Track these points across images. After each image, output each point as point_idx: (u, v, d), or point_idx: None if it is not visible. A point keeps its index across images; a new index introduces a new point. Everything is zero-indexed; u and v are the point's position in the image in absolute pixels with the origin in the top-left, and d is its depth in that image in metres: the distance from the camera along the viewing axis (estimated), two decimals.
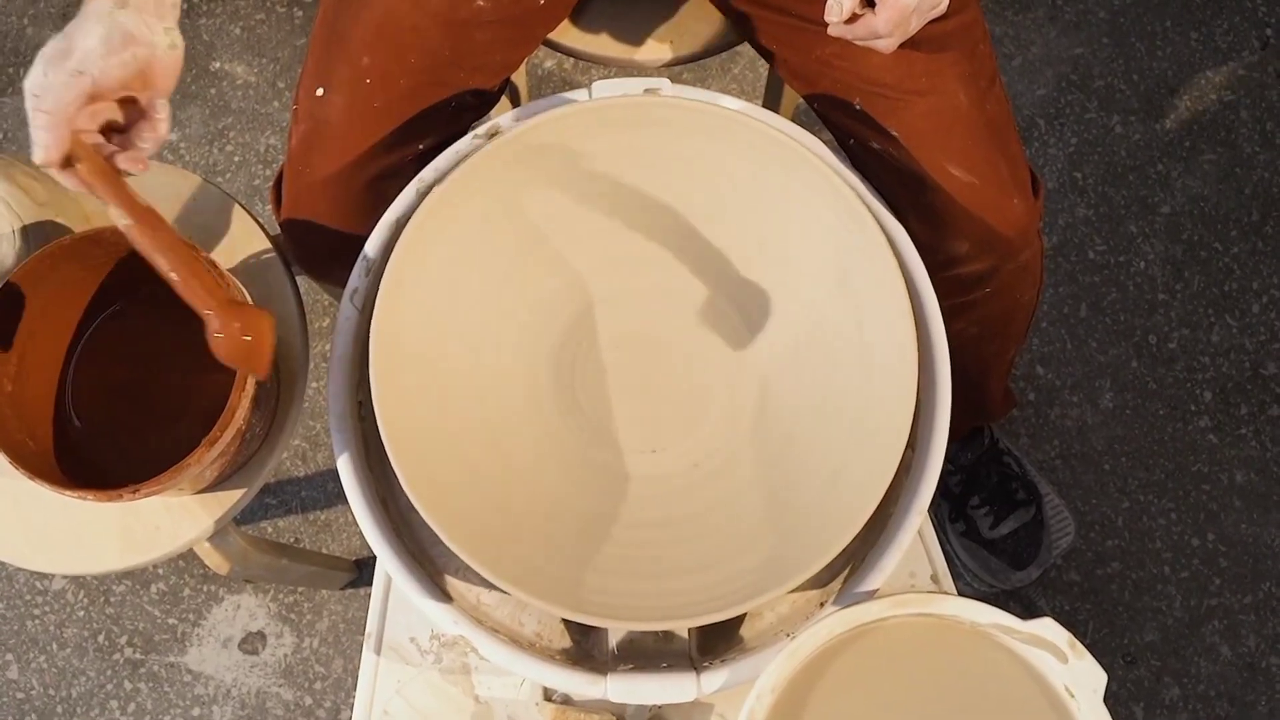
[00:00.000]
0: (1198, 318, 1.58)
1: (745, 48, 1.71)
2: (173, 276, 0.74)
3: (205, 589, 1.49)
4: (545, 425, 0.84)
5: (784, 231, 0.85)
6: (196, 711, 1.44)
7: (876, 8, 0.74)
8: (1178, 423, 1.54)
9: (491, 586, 0.79)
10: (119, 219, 0.74)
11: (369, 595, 1.48)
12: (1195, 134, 1.68)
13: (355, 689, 1.44)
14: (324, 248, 1.00)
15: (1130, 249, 1.62)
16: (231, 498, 0.94)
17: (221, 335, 0.74)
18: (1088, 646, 0.70)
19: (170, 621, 1.47)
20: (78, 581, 1.49)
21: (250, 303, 0.83)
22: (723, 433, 0.85)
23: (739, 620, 0.80)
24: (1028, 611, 1.45)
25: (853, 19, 0.75)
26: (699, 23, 1.12)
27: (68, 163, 0.72)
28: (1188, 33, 1.73)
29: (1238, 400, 1.54)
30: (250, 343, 0.76)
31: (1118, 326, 1.58)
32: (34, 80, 0.70)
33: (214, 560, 1.02)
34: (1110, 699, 0.70)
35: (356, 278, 0.84)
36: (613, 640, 0.78)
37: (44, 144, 0.71)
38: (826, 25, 0.78)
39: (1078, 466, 1.52)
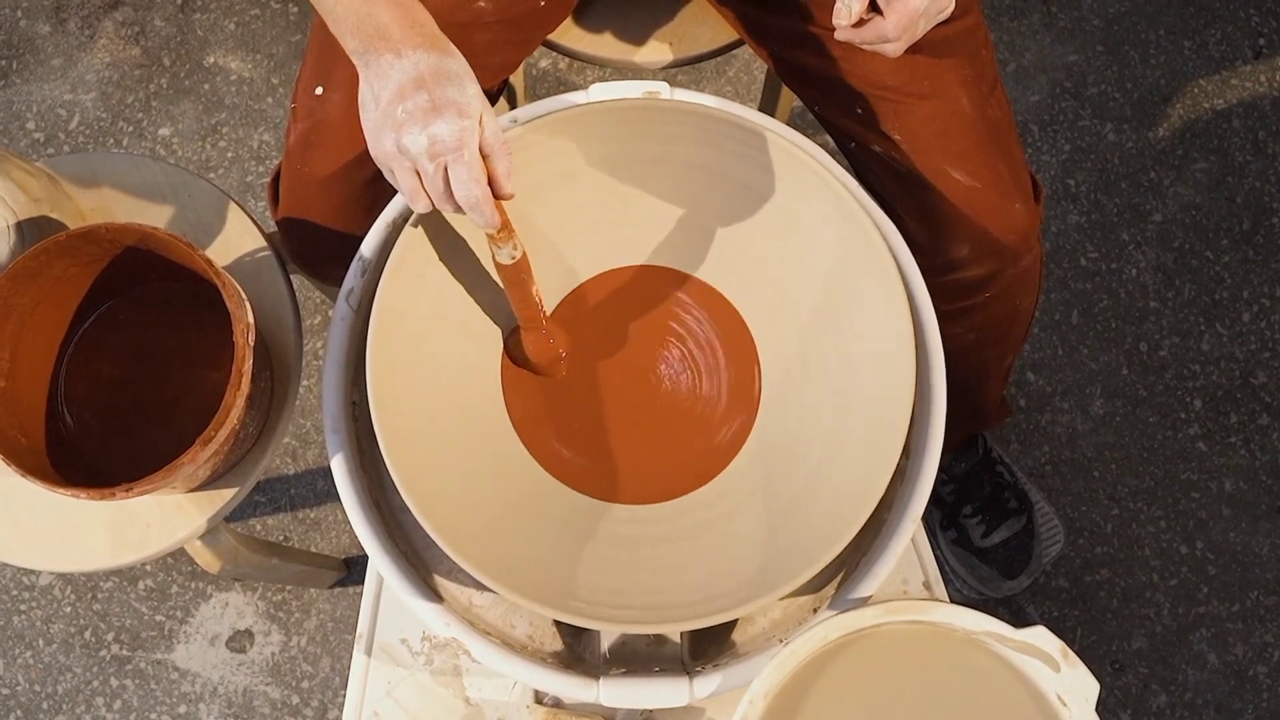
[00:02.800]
0: (1188, 326, 1.59)
1: (741, 50, 1.71)
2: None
3: (193, 586, 1.48)
4: (541, 423, 0.84)
5: (780, 236, 0.85)
6: (183, 709, 1.43)
7: (885, 11, 0.74)
8: (1167, 430, 1.54)
9: (483, 588, 0.79)
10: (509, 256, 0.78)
11: (358, 594, 1.48)
12: (1187, 142, 1.68)
13: (343, 688, 1.44)
14: (321, 246, 1.00)
15: (1122, 256, 1.62)
16: (224, 496, 0.93)
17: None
18: (1075, 653, 0.70)
19: (158, 618, 1.47)
20: (65, 577, 1.48)
21: (242, 301, 0.83)
22: (717, 436, 0.85)
23: (731, 625, 0.80)
24: (1016, 618, 1.45)
25: (860, 23, 0.75)
26: (699, 25, 1.12)
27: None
28: (1181, 41, 1.74)
29: (1227, 409, 1.55)
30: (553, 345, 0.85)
31: (1109, 333, 1.59)
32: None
33: (205, 559, 1.02)
34: (1098, 706, 0.70)
35: (353, 277, 0.84)
36: (604, 643, 0.78)
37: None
38: (829, 28, 0.78)
39: (1067, 473, 1.53)
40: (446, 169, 0.71)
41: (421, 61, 0.70)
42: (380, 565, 0.77)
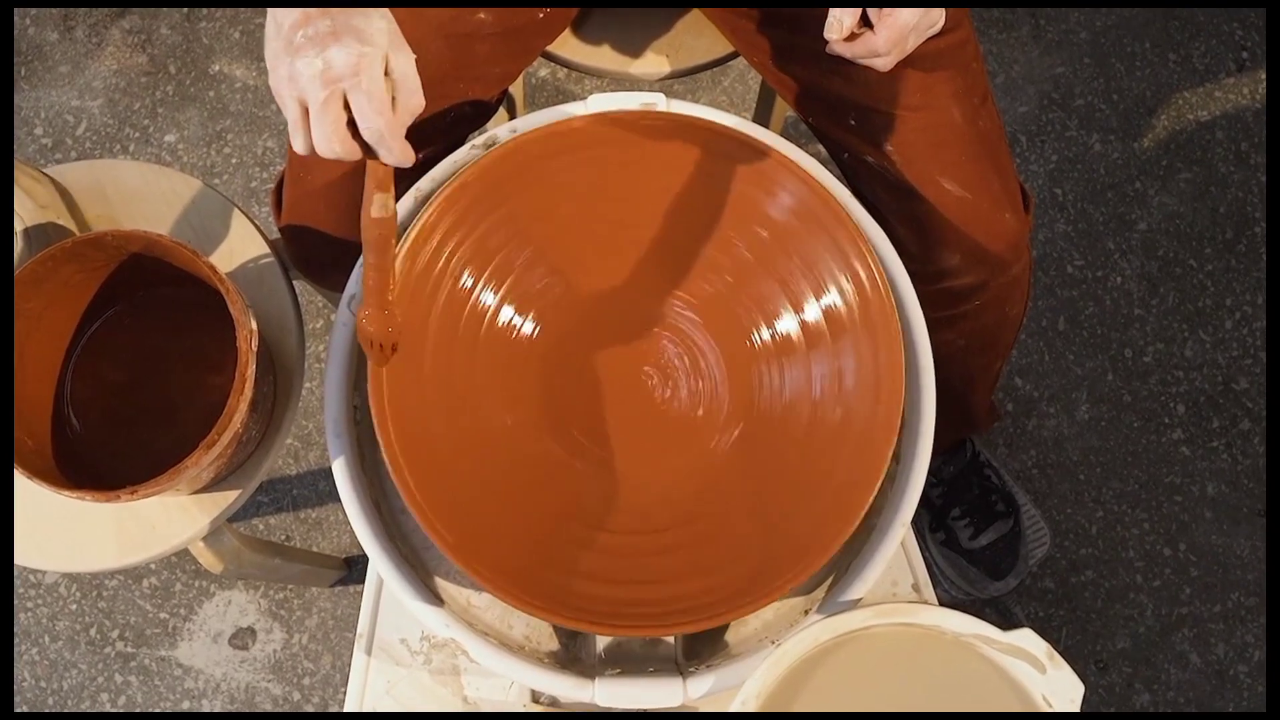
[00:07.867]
0: (1172, 332, 1.59)
1: (736, 60, 1.71)
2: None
3: (197, 584, 1.48)
4: (538, 431, 0.84)
5: (774, 245, 0.85)
6: (186, 705, 1.43)
7: (875, 27, 0.74)
8: (1151, 435, 1.55)
9: (481, 589, 0.79)
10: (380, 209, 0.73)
11: (358, 593, 1.48)
12: (1172, 153, 1.68)
13: (343, 685, 1.44)
14: (323, 253, 1.00)
15: (1108, 264, 1.62)
16: (227, 498, 0.93)
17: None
18: (1060, 652, 0.70)
19: (162, 616, 1.47)
20: (70, 575, 1.48)
21: (243, 308, 0.83)
22: (712, 443, 0.85)
23: (724, 626, 0.80)
24: (1003, 617, 1.46)
25: (852, 37, 0.75)
26: (695, 38, 1.12)
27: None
28: (1166, 54, 1.74)
29: (1209, 414, 1.55)
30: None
31: (1095, 340, 1.59)
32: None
33: (208, 559, 1.02)
34: (1082, 705, 0.70)
35: (354, 283, 0.83)
36: (600, 644, 0.78)
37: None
38: (822, 42, 0.78)
39: (1054, 476, 1.53)
40: (344, 100, 0.67)
41: None
42: (380, 567, 0.76)
